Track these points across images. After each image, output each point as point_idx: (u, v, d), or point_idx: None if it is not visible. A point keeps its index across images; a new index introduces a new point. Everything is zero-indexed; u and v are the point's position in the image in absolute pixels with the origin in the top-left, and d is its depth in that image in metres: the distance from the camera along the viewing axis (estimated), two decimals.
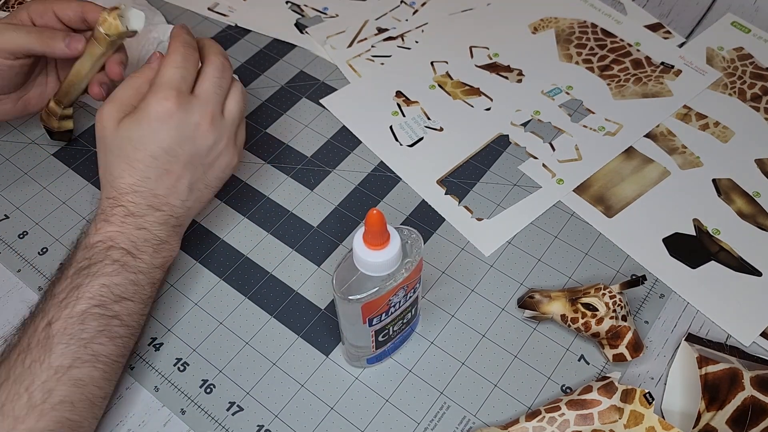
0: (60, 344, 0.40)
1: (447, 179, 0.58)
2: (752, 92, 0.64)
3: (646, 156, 0.60)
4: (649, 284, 0.52)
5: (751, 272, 0.52)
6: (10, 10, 0.71)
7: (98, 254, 0.43)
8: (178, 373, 0.48)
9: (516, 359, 0.48)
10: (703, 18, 0.71)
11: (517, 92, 0.65)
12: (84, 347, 0.41)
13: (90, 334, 0.41)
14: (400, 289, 0.40)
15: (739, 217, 0.56)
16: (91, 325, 0.41)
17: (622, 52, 0.68)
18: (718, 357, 0.46)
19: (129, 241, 0.44)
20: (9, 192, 0.58)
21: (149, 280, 0.45)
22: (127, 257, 0.44)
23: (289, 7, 0.73)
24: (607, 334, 0.46)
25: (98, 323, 0.42)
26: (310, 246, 0.54)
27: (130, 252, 0.44)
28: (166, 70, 0.46)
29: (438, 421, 0.45)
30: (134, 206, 0.45)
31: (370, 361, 0.47)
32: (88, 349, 0.41)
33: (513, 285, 0.52)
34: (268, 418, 0.46)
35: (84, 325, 0.41)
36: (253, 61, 0.68)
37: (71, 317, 0.41)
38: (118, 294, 0.43)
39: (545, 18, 0.71)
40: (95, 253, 0.44)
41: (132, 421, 0.46)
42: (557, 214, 0.56)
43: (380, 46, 0.69)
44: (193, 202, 0.49)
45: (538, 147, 0.60)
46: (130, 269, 0.44)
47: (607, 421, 0.43)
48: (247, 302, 0.51)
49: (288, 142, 0.61)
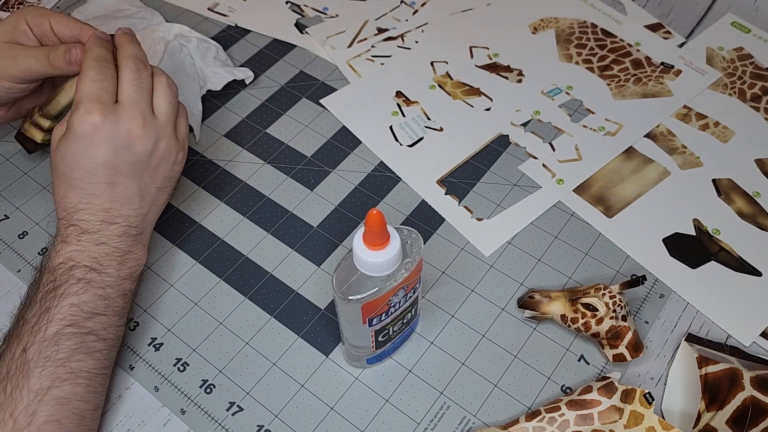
0: (36, 368, 0.40)
1: (447, 179, 0.58)
2: (752, 92, 0.64)
3: (646, 156, 0.60)
4: (649, 284, 0.52)
5: (751, 272, 0.52)
6: (11, 11, 0.71)
7: (62, 275, 0.44)
8: (178, 373, 0.48)
9: (516, 359, 0.48)
10: (703, 18, 0.71)
11: (517, 92, 0.65)
12: (62, 366, 0.41)
13: (66, 353, 0.41)
14: (400, 289, 0.40)
15: (739, 217, 0.56)
16: (65, 344, 0.41)
17: (622, 52, 0.68)
18: (718, 357, 0.46)
19: (90, 258, 0.44)
20: (9, 192, 0.58)
21: (119, 292, 0.45)
22: (91, 274, 0.44)
23: (289, 7, 0.73)
24: (607, 334, 0.46)
25: (72, 342, 0.42)
26: (310, 246, 0.54)
27: (93, 268, 0.44)
28: (83, 85, 0.45)
29: (438, 421, 0.45)
30: (86, 224, 0.45)
31: (370, 361, 0.47)
32: (66, 368, 0.41)
33: (513, 285, 0.52)
34: (268, 418, 0.46)
35: (58, 345, 0.41)
36: (253, 61, 0.68)
37: (45, 340, 0.41)
38: (89, 311, 0.43)
39: (545, 18, 0.71)
40: (59, 275, 0.44)
41: (132, 421, 0.46)
42: (557, 214, 0.56)
43: (380, 46, 0.69)
44: (149, 208, 0.48)
45: (538, 147, 0.60)
46: (96, 285, 0.44)
47: (607, 422, 0.43)
48: (247, 302, 0.51)
49: (288, 142, 0.61)
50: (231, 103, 0.64)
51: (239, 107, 0.64)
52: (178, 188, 0.57)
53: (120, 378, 0.47)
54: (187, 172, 0.59)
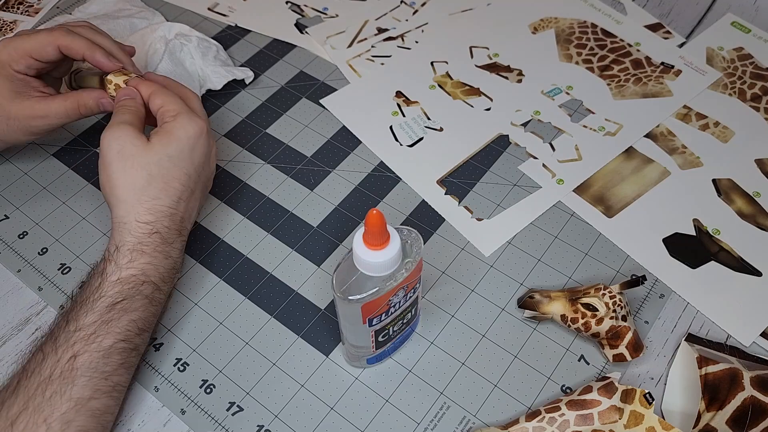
0: (83, 377, 0.40)
1: (447, 179, 0.58)
2: (752, 92, 0.64)
3: (646, 156, 0.60)
4: (649, 284, 0.52)
5: (751, 272, 0.52)
6: (11, 11, 0.71)
7: (132, 289, 0.43)
8: (178, 373, 0.48)
9: (516, 359, 0.48)
10: (703, 18, 0.71)
11: (517, 92, 0.65)
12: (105, 379, 0.41)
13: (112, 367, 0.41)
14: (400, 290, 0.40)
15: (739, 217, 0.56)
16: (114, 359, 0.42)
17: (622, 52, 0.68)
18: (718, 357, 0.46)
19: (159, 275, 0.45)
20: (9, 192, 0.58)
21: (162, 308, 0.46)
22: (156, 293, 0.44)
23: (289, 7, 0.73)
24: (607, 334, 0.46)
25: (120, 357, 0.42)
26: (310, 246, 0.54)
27: (158, 287, 0.44)
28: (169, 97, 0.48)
29: (438, 421, 0.45)
30: (167, 232, 0.45)
31: (370, 361, 0.47)
32: (109, 381, 0.41)
33: (513, 285, 0.52)
34: (268, 418, 0.46)
35: (109, 359, 0.41)
36: (253, 61, 0.68)
37: (98, 351, 0.41)
38: (141, 327, 0.43)
39: (545, 18, 0.71)
40: (129, 288, 0.43)
41: (132, 421, 0.46)
42: (557, 214, 0.56)
43: (380, 46, 0.69)
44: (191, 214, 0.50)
45: (538, 147, 0.60)
46: (155, 303, 0.44)
47: (607, 422, 0.43)
48: (247, 302, 0.51)
49: (288, 142, 0.61)
50: (231, 103, 0.64)
51: (239, 107, 0.64)
52: None
53: None
54: None
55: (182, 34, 0.64)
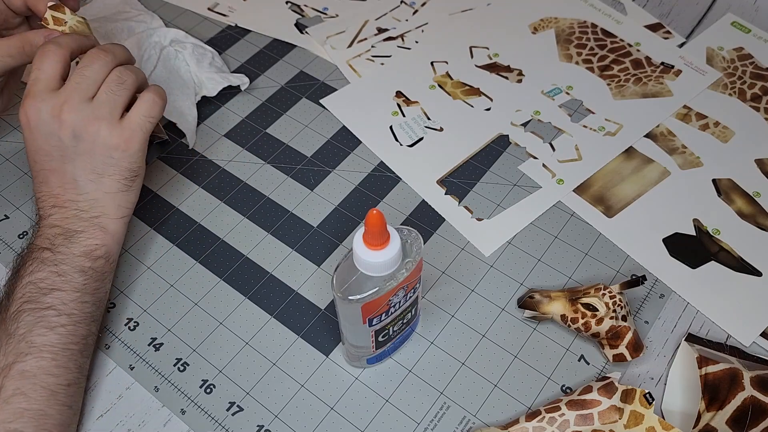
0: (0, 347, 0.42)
1: (447, 179, 0.58)
2: (752, 92, 0.64)
3: (646, 156, 0.60)
4: (649, 284, 0.52)
5: (751, 272, 0.52)
6: None
7: (23, 259, 0.46)
8: (178, 373, 0.48)
9: (516, 359, 0.48)
10: (703, 18, 0.71)
11: (517, 92, 0.65)
12: (23, 341, 0.43)
13: (26, 328, 0.43)
14: (400, 289, 0.40)
15: (739, 217, 0.56)
16: (25, 320, 0.43)
17: (622, 52, 0.68)
18: (718, 357, 0.46)
19: (45, 240, 0.47)
20: (9, 192, 0.58)
21: (75, 269, 0.46)
22: (45, 253, 0.46)
23: (289, 7, 0.73)
24: (607, 334, 0.46)
25: (32, 317, 0.43)
26: (310, 246, 0.54)
27: (46, 248, 0.46)
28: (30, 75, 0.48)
29: (438, 421, 0.45)
30: (42, 210, 0.48)
31: (370, 361, 0.47)
32: (27, 342, 0.43)
33: (513, 285, 0.52)
34: (268, 418, 0.46)
35: (18, 321, 0.43)
36: (253, 61, 0.68)
37: (7, 319, 0.43)
38: (46, 287, 0.45)
39: (545, 18, 0.71)
40: (22, 260, 0.47)
41: (132, 421, 0.46)
42: (557, 214, 0.56)
43: (380, 46, 0.69)
44: (95, 193, 0.48)
45: (538, 147, 0.60)
46: (50, 262, 0.46)
47: (607, 422, 0.43)
48: (247, 302, 0.51)
49: (288, 142, 0.61)
50: (231, 103, 0.64)
51: (239, 107, 0.64)
52: (179, 188, 0.58)
53: (120, 378, 0.47)
54: (188, 172, 0.59)
55: (177, 41, 0.64)
